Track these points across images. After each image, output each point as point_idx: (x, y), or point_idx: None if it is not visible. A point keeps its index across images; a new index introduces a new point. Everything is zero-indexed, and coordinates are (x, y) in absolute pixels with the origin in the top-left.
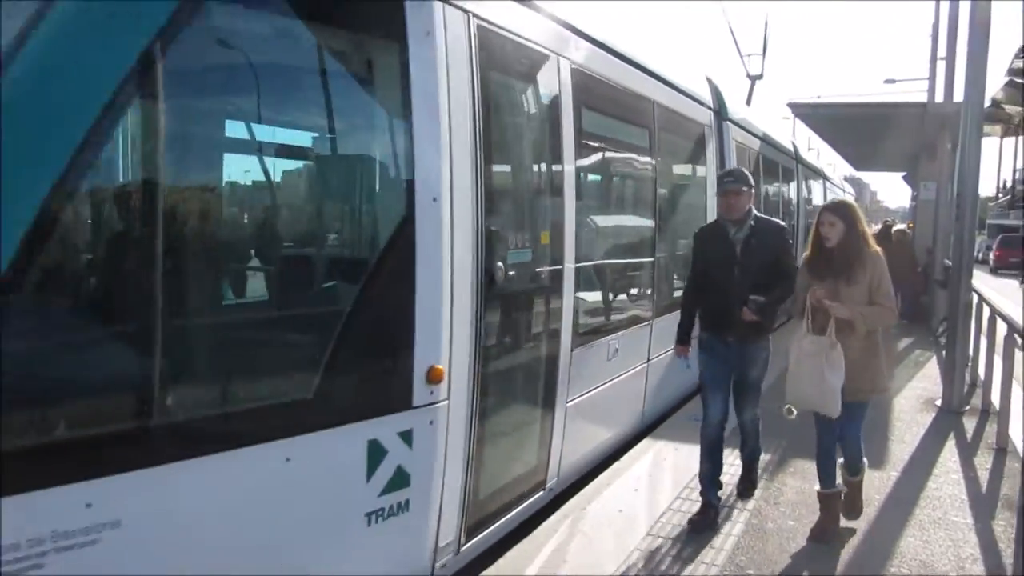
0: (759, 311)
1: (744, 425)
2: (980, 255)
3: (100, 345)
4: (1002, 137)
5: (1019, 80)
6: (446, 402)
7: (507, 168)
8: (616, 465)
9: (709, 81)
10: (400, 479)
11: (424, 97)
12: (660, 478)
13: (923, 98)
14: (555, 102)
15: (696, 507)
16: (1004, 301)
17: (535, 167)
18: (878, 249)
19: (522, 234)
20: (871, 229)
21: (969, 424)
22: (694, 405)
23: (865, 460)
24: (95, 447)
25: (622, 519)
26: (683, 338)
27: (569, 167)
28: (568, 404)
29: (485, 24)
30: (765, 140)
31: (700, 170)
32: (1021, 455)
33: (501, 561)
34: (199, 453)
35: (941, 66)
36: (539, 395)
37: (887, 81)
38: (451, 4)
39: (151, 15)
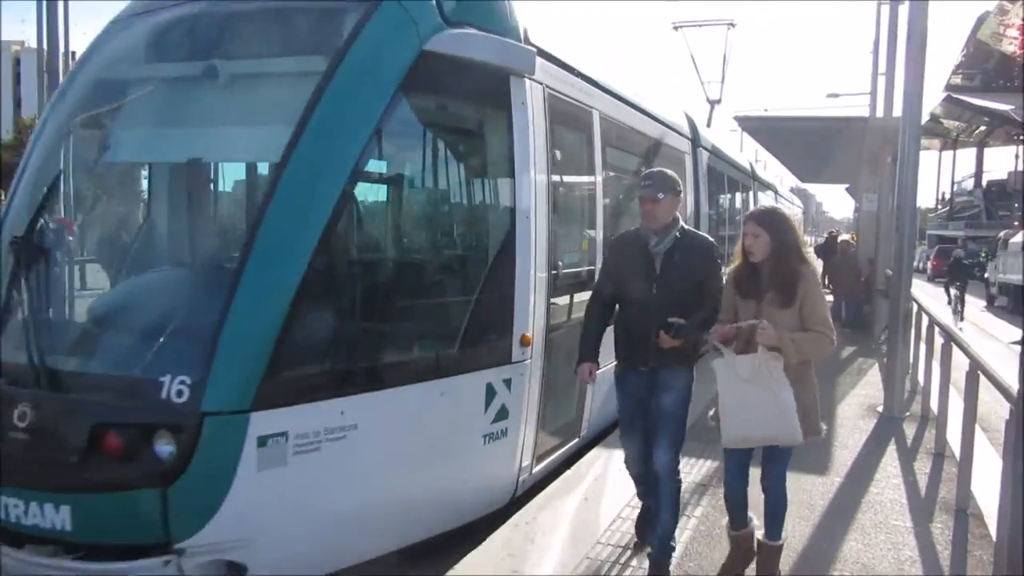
0: (682, 333)
1: (659, 473)
2: (920, 264)
3: (361, 320)
4: (941, 151)
5: (957, 96)
6: (530, 361)
7: (563, 192)
8: (566, 474)
9: (687, 115)
10: (503, 413)
11: (520, 146)
12: (610, 487)
13: (865, 112)
14: (590, 142)
15: None
16: (942, 309)
17: (578, 191)
18: (813, 265)
19: (571, 242)
20: (811, 239)
21: (909, 429)
22: None
23: (785, 534)
24: (349, 376)
25: (572, 528)
26: (588, 355)
27: (598, 190)
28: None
29: (551, 91)
30: (727, 161)
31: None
32: (958, 459)
33: (459, 566)
34: (398, 384)
35: (882, 81)
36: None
37: (830, 95)
38: (534, 80)
39: (377, 107)
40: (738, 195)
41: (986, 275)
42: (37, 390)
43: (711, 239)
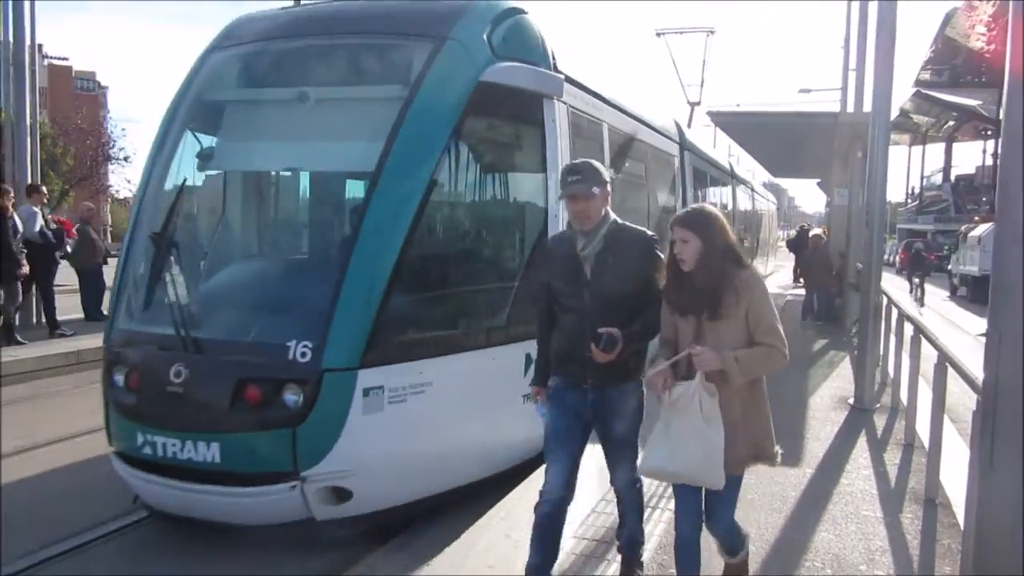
0: (609, 346)
1: (619, 492)
2: (890, 258)
3: (435, 298)
4: (910, 145)
5: (926, 91)
6: None
7: None
8: (530, 478)
9: (675, 122)
10: None
11: (551, 156)
12: (584, 480)
13: (836, 107)
14: (601, 150)
15: (614, 510)
16: (905, 297)
17: None
18: (755, 270)
19: None
20: (781, 234)
21: (880, 421)
22: None
23: (748, 534)
24: (426, 343)
25: None
26: (537, 378)
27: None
28: None
29: (572, 109)
30: (709, 161)
31: (671, 185)
32: (927, 450)
33: (434, 562)
34: (463, 351)
35: (853, 77)
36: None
37: (802, 91)
38: (560, 101)
39: (447, 126)
40: (719, 191)
41: (949, 267)
42: (187, 353)
43: (648, 232)
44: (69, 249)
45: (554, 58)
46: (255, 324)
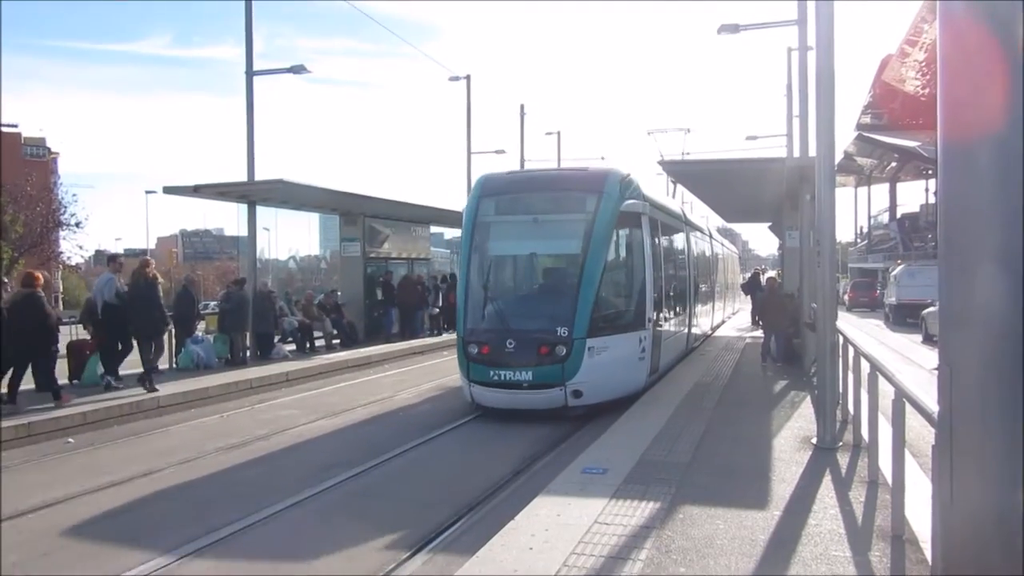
0: None
1: None
2: (842, 296)
3: (611, 310)
4: (856, 187)
5: (867, 135)
6: (650, 329)
7: (653, 256)
8: (510, 524)
9: (680, 208)
10: (644, 349)
11: (646, 242)
12: (554, 535)
13: (783, 153)
14: (656, 234)
15: (591, 562)
16: (863, 336)
17: (655, 254)
18: None
19: (657, 279)
20: (741, 277)
21: (843, 459)
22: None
23: None
24: (607, 328)
25: None
26: None
27: (661, 254)
28: (664, 341)
29: (648, 215)
30: (699, 229)
31: (682, 253)
32: (891, 486)
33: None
34: (619, 333)
35: (798, 123)
36: (661, 334)
37: (749, 138)
38: (646, 214)
39: (609, 231)
40: (703, 246)
41: (884, 300)
42: (512, 334)
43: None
44: None
45: (642, 192)
46: (541, 321)
